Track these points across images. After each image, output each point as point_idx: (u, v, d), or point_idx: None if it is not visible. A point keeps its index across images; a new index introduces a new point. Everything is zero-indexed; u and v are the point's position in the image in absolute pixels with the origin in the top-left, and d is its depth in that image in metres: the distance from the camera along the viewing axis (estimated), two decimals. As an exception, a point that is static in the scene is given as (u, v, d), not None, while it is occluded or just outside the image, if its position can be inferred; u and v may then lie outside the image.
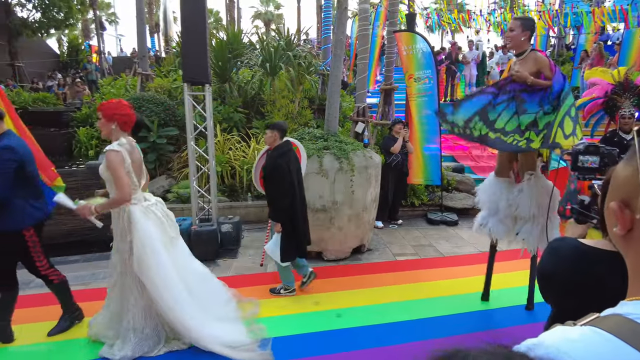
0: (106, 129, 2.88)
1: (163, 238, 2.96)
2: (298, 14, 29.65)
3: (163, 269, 2.88)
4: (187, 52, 4.83)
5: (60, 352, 3.11)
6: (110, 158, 2.75)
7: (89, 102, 10.64)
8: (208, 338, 2.98)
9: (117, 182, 2.75)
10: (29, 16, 17.89)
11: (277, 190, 3.71)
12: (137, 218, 2.84)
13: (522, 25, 3.22)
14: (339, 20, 5.21)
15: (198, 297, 3.14)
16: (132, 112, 2.94)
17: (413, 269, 4.72)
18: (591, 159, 1.54)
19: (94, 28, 22.04)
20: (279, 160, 3.67)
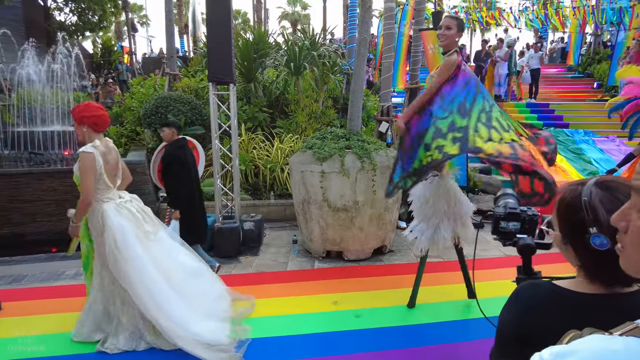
0: (80, 133, 2.98)
1: (137, 233, 2.99)
2: (324, 13, 29.71)
3: (138, 263, 2.92)
4: (212, 52, 4.90)
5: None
6: (82, 158, 2.85)
7: (119, 101, 10.96)
8: (184, 335, 2.94)
9: (83, 182, 2.85)
10: (66, 19, 18.62)
11: (175, 179, 4.03)
12: (109, 215, 2.91)
13: (457, 25, 3.38)
14: (363, 19, 5.17)
15: (182, 292, 3.14)
16: (102, 114, 2.99)
17: (435, 271, 4.64)
18: (512, 224, 1.54)
19: (126, 30, 22.70)
20: (177, 152, 4.05)
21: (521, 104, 11.91)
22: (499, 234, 1.56)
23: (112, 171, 3.03)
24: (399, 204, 5.19)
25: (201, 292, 3.34)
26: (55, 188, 6.39)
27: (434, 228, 3.51)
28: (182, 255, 3.36)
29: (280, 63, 8.48)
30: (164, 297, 2.96)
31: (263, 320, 3.52)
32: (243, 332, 3.23)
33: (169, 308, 2.96)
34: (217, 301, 3.42)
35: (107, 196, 2.98)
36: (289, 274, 4.50)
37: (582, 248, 1.01)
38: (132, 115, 8.61)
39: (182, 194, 4.05)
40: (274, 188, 6.71)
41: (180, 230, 3.95)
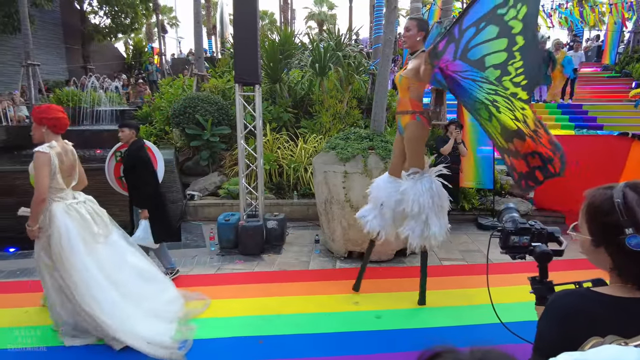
0: (38, 132, 3.05)
1: (83, 234, 3.05)
2: (350, 14, 29.61)
3: (81, 264, 2.98)
4: (238, 53, 4.99)
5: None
6: (36, 157, 2.92)
7: (149, 101, 11.27)
8: (127, 334, 3.01)
9: (36, 181, 2.93)
10: (100, 22, 19.31)
11: (141, 179, 4.04)
12: (56, 214, 2.98)
13: (417, 25, 3.46)
14: (388, 20, 5.15)
15: (129, 293, 3.21)
16: (61, 117, 3.06)
17: (459, 274, 4.58)
18: (523, 238, 1.54)
19: (156, 31, 23.30)
20: (140, 153, 4.06)
21: (552, 105, 11.55)
22: (509, 249, 1.57)
23: (67, 172, 3.09)
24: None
25: (151, 294, 3.41)
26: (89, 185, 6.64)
27: (423, 224, 3.57)
28: (135, 259, 3.44)
29: (305, 64, 8.53)
30: (104, 296, 3.03)
31: (285, 318, 3.57)
32: (188, 332, 3.26)
33: (110, 307, 3.03)
34: (168, 303, 3.48)
35: (59, 195, 3.04)
36: (311, 273, 4.53)
37: (616, 250, 1.02)
38: (161, 115, 8.84)
39: (149, 193, 4.07)
40: (297, 188, 6.77)
41: (152, 229, 4.03)
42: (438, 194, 3.62)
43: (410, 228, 3.63)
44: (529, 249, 1.54)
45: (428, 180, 3.61)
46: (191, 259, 5.01)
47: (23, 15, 10.37)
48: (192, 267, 4.77)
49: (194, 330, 3.31)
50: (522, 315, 3.42)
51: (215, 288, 4.23)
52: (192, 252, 5.24)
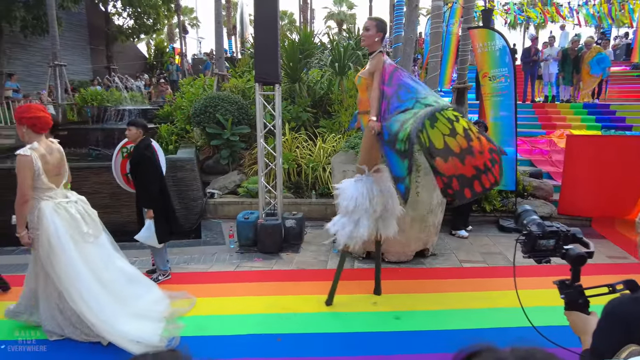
0: (19, 132, 3.03)
1: (73, 234, 3.05)
2: (370, 13, 29.37)
3: (69, 263, 2.99)
4: (258, 53, 5.02)
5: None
6: (18, 160, 2.90)
7: (170, 100, 11.46)
8: (113, 333, 3.03)
9: (19, 183, 2.91)
10: (123, 23, 19.72)
11: (146, 178, 4.06)
12: (45, 213, 2.98)
13: (377, 26, 3.51)
14: (409, 19, 5.11)
15: (115, 293, 3.23)
16: (43, 115, 3.01)
17: (480, 277, 4.51)
18: (550, 242, 1.49)
19: (177, 32, 23.66)
20: (146, 152, 4.07)
21: (577, 105, 11.25)
22: (535, 252, 1.52)
23: (54, 171, 3.08)
24: (444, 207, 5.08)
25: (137, 295, 3.44)
26: (111, 182, 6.77)
27: (354, 224, 3.55)
28: (121, 262, 3.47)
29: (325, 63, 8.53)
30: (91, 295, 3.04)
31: (303, 317, 3.58)
32: (176, 330, 3.29)
33: (96, 305, 3.04)
34: (154, 303, 3.51)
35: (48, 195, 3.03)
36: (329, 273, 4.51)
37: None
38: (182, 114, 8.97)
39: (155, 192, 4.09)
40: (315, 187, 6.77)
41: (156, 229, 4.06)
42: (379, 199, 3.59)
43: (341, 225, 3.62)
44: (557, 252, 1.49)
45: (369, 182, 3.58)
46: (211, 256, 5.07)
47: (51, 17, 10.66)
48: (212, 264, 4.82)
49: (181, 328, 3.33)
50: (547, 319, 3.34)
51: (234, 285, 4.27)
52: (212, 250, 5.30)
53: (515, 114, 6.10)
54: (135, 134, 4.11)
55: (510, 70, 6.08)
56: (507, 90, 6.12)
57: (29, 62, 15.40)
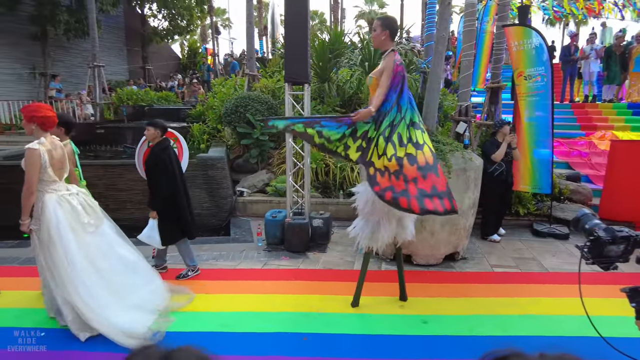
0: (28, 129, 3.23)
1: (73, 224, 3.19)
2: (401, 11, 29.05)
3: (66, 254, 3.11)
4: (289, 53, 5.05)
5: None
6: (27, 154, 3.09)
7: (202, 100, 11.70)
8: (101, 323, 3.12)
9: (26, 175, 3.08)
10: (158, 25, 20.32)
11: (157, 181, 4.08)
12: (48, 204, 3.14)
13: (382, 25, 3.45)
14: (441, 16, 5.01)
15: (111, 283, 3.33)
16: (50, 115, 3.22)
17: (511, 282, 4.36)
18: (619, 247, 1.40)
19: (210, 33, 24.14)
20: (161, 155, 4.07)
21: (621, 104, 10.71)
22: (602, 259, 1.44)
23: (58, 165, 3.25)
24: (475, 210, 4.95)
25: (135, 285, 3.52)
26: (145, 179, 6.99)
27: (374, 226, 3.52)
28: (123, 250, 3.55)
29: (355, 62, 8.50)
30: (84, 286, 3.15)
31: (329, 317, 3.57)
32: (165, 324, 3.35)
33: (88, 296, 3.15)
34: (151, 294, 3.59)
35: (52, 187, 3.21)
36: (356, 273, 4.46)
37: None
38: (214, 114, 9.14)
39: (161, 195, 4.11)
40: (343, 187, 6.75)
41: (159, 228, 4.11)
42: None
43: (360, 227, 3.60)
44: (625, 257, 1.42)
45: None
46: (239, 253, 5.14)
47: (91, 20, 11.10)
48: (240, 261, 4.89)
49: (171, 322, 3.40)
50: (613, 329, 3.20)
51: (261, 283, 4.31)
52: (240, 247, 5.38)
53: (552, 115, 5.88)
54: (153, 134, 4.16)
55: (548, 69, 5.86)
56: (544, 90, 5.89)
57: (70, 64, 16.10)
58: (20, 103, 12.12)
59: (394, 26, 3.51)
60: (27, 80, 14.28)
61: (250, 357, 3.03)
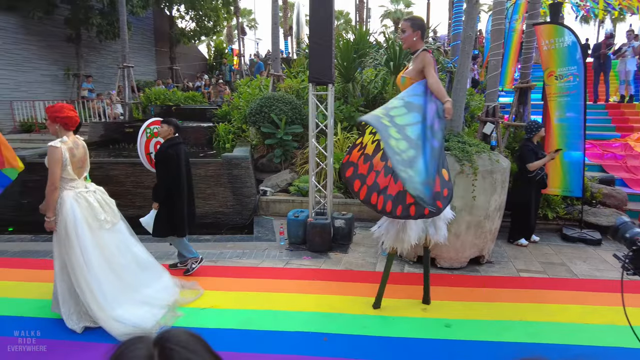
0: (52, 128, 3.38)
1: (90, 220, 3.30)
2: (427, 11, 28.65)
3: (81, 249, 3.21)
4: (313, 53, 5.05)
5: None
6: (49, 151, 3.21)
7: (228, 100, 11.86)
8: (107, 320, 3.21)
9: (50, 172, 3.20)
10: (186, 26, 20.71)
11: (162, 176, 4.19)
12: (65, 201, 3.25)
13: (412, 25, 3.43)
14: (469, 15, 4.91)
15: (124, 278, 3.45)
16: (73, 115, 3.36)
17: (538, 287, 4.24)
18: None
19: (236, 33, 24.45)
20: (169, 151, 4.17)
21: (658, 105, 10.26)
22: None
23: (78, 164, 3.36)
24: (502, 213, 4.84)
25: (147, 282, 3.66)
26: (172, 177, 7.15)
27: (400, 226, 3.48)
28: (136, 248, 3.68)
29: (379, 62, 8.44)
30: (96, 282, 3.24)
31: (350, 318, 3.56)
32: (172, 319, 3.44)
33: (99, 290, 3.24)
34: (160, 290, 3.71)
35: (71, 185, 3.32)
36: (378, 275, 4.44)
37: None
38: (239, 114, 9.26)
39: (161, 189, 4.21)
40: (367, 188, 6.70)
41: (155, 220, 4.23)
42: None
43: (385, 228, 3.57)
44: None
45: None
46: (262, 251, 5.18)
47: (122, 23, 11.42)
48: (263, 259, 4.93)
49: (178, 317, 3.49)
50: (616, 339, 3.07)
51: (283, 282, 4.33)
52: (263, 245, 5.43)
53: (584, 116, 5.68)
54: (167, 131, 4.28)
55: (580, 69, 5.66)
56: (576, 90, 5.70)
57: (101, 65, 16.61)
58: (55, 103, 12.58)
59: (424, 26, 3.52)
60: (62, 81, 14.82)
61: (272, 355, 3.05)
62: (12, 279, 4.32)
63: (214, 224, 6.89)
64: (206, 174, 7.07)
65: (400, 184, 3.34)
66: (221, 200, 7.05)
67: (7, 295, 3.95)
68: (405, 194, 3.33)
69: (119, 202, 3.74)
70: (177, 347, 0.68)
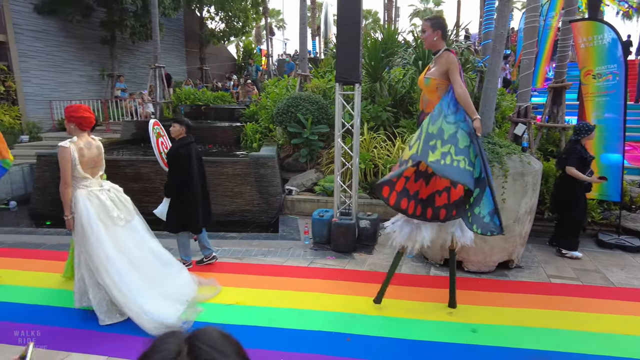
0: (68, 128, 3.49)
1: (102, 217, 3.41)
2: (458, 9, 28.07)
3: (98, 243, 3.33)
4: (340, 53, 5.03)
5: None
6: (59, 151, 3.34)
7: (255, 100, 12.00)
8: (133, 309, 3.31)
9: (61, 170, 3.33)
10: (215, 27, 21.07)
11: (174, 174, 4.32)
12: (79, 200, 3.38)
13: (432, 25, 3.39)
14: (501, 13, 4.77)
15: (143, 273, 3.53)
16: (88, 116, 3.47)
17: (571, 295, 4.07)
18: None
19: (264, 34, 24.68)
20: (181, 150, 4.28)
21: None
22: None
23: (89, 163, 3.46)
24: (532, 217, 4.68)
25: (166, 277, 3.73)
26: (200, 175, 7.28)
27: (414, 226, 3.46)
28: (153, 244, 3.78)
29: (408, 61, 8.33)
30: (117, 272, 3.35)
31: (373, 319, 3.52)
32: (193, 314, 3.51)
33: (120, 281, 3.35)
34: (180, 286, 3.79)
35: (83, 184, 3.43)
36: (403, 277, 4.40)
37: None
38: (266, 114, 9.34)
39: (172, 187, 4.35)
40: (393, 188, 6.63)
41: (167, 214, 4.35)
42: None
43: (399, 226, 3.55)
44: None
45: None
46: (287, 250, 5.21)
47: (154, 24, 11.74)
48: (287, 258, 4.95)
49: (199, 312, 3.55)
50: None
51: (307, 281, 4.34)
52: (288, 244, 5.45)
53: (624, 116, 5.43)
54: (179, 130, 4.40)
55: (621, 67, 5.41)
56: (615, 90, 5.46)
57: (134, 65, 17.12)
58: (91, 102, 13.06)
59: (444, 25, 3.46)
60: (97, 81, 15.36)
61: (295, 353, 3.06)
62: (48, 271, 4.50)
63: (240, 222, 6.98)
64: (233, 172, 7.17)
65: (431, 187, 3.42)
66: (248, 198, 7.13)
67: (44, 285, 4.13)
68: (434, 197, 3.33)
69: (148, 198, 3.86)
70: (205, 346, 0.70)
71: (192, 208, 4.41)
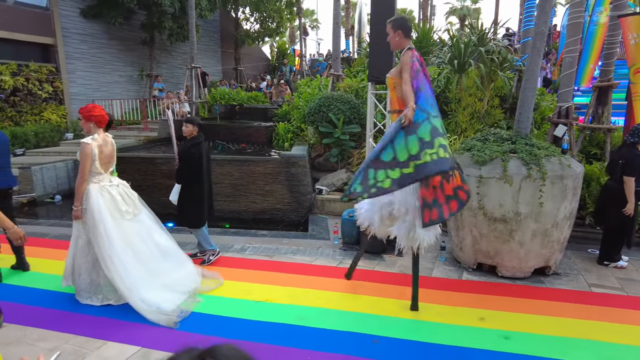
0: (86, 127, 3.71)
1: (112, 211, 3.62)
2: (496, 6, 27.23)
3: (106, 234, 3.52)
4: (373, 52, 5.00)
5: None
6: (81, 147, 3.54)
7: (288, 100, 12.10)
8: (132, 297, 3.50)
9: (80, 165, 3.55)
10: (250, 28, 21.40)
11: (181, 169, 4.57)
12: (91, 193, 3.58)
13: (392, 27, 3.48)
14: (542, 9, 4.59)
15: (148, 265, 3.73)
16: (104, 114, 3.72)
17: (614, 305, 3.86)
18: None
19: (298, 34, 24.85)
20: (192, 150, 4.51)
21: None
22: None
23: (105, 160, 3.68)
24: (572, 222, 4.48)
25: (169, 268, 3.90)
26: (232, 173, 7.42)
27: (409, 225, 3.48)
28: (159, 237, 3.95)
29: (443, 60, 8.16)
30: (121, 262, 3.54)
31: (402, 322, 3.48)
32: (192, 304, 3.68)
33: (124, 270, 3.53)
34: (183, 277, 3.95)
35: (96, 178, 3.64)
36: (434, 281, 4.32)
37: None
38: (298, 113, 9.40)
39: (179, 181, 4.59)
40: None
41: (177, 208, 4.58)
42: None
43: (397, 227, 3.58)
44: None
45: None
46: (316, 249, 5.22)
47: (191, 25, 12.06)
48: (316, 257, 4.96)
49: (198, 302, 3.72)
50: None
51: (336, 280, 4.33)
52: (317, 244, 5.46)
53: (676, 117, 5.10)
54: (191, 130, 4.62)
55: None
56: (666, 89, 5.14)
57: (171, 65, 17.65)
58: (130, 102, 13.58)
59: (404, 24, 3.55)
60: (136, 81, 15.95)
61: (322, 352, 3.06)
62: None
63: (271, 220, 7.06)
64: (265, 171, 7.26)
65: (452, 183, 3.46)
66: (278, 197, 7.20)
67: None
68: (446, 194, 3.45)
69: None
70: None
71: (198, 204, 4.63)
